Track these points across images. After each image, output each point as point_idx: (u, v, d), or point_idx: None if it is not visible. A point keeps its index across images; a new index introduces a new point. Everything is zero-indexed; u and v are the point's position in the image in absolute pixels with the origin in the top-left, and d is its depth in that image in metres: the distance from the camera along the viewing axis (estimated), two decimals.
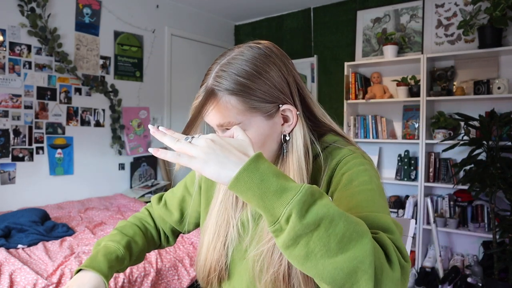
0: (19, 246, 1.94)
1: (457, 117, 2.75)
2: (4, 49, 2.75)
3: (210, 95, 0.69)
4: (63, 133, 3.08)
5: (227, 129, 0.71)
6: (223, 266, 0.81)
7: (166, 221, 0.97)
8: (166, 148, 0.60)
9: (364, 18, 3.63)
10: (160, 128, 0.62)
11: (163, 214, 0.97)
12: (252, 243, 0.77)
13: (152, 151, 0.59)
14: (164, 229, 0.98)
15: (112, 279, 1.74)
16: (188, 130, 0.69)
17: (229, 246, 0.80)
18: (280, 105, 0.73)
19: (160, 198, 0.99)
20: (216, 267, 0.81)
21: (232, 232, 0.80)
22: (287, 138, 0.75)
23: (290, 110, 0.74)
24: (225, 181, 0.55)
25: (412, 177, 3.20)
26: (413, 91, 3.17)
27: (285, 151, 0.76)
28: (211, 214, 0.84)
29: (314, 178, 0.75)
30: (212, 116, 0.71)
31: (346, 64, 3.45)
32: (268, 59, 0.72)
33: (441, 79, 3.08)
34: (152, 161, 3.73)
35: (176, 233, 1.00)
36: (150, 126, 0.62)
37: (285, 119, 0.75)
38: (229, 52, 0.73)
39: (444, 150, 2.79)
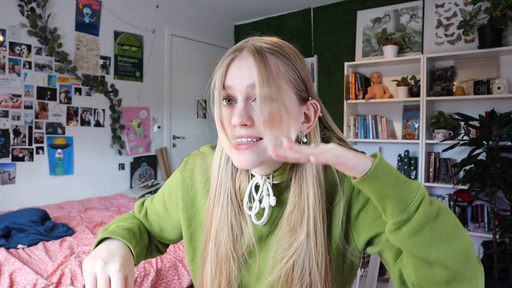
0: (19, 246, 1.94)
1: (457, 117, 2.75)
2: (4, 49, 2.75)
3: (257, 53, 0.64)
4: (63, 133, 3.08)
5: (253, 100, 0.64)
6: None
7: (149, 231, 0.89)
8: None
9: (364, 18, 3.63)
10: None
11: (145, 224, 0.89)
12: (265, 268, 0.71)
13: (285, 144, 0.51)
14: (150, 238, 0.90)
15: None
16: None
17: (234, 282, 0.72)
18: (309, 97, 0.69)
19: (142, 205, 0.91)
20: None
21: (233, 266, 0.71)
22: (304, 140, 0.69)
23: (314, 109, 0.70)
24: (362, 169, 0.53)
25: (412, 177, 3.20)
26: (413, 91, 3.17)
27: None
28: (206, 249, 0.74)
29: (329, 192, 0.69)
30: (254, 73, 0.62)
31: (346, 64, 3.45)
32: (298, 52, 0.72)
33: (441, 79, 3.08)
34: (152, 161, 3.73)
35: (163, 244, 0.92)
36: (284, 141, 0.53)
37: (307, 118, 0.69)
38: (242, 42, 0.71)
39: (444, 150, 2.79)
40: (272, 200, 0.70)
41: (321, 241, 0.66)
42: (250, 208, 0.72)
